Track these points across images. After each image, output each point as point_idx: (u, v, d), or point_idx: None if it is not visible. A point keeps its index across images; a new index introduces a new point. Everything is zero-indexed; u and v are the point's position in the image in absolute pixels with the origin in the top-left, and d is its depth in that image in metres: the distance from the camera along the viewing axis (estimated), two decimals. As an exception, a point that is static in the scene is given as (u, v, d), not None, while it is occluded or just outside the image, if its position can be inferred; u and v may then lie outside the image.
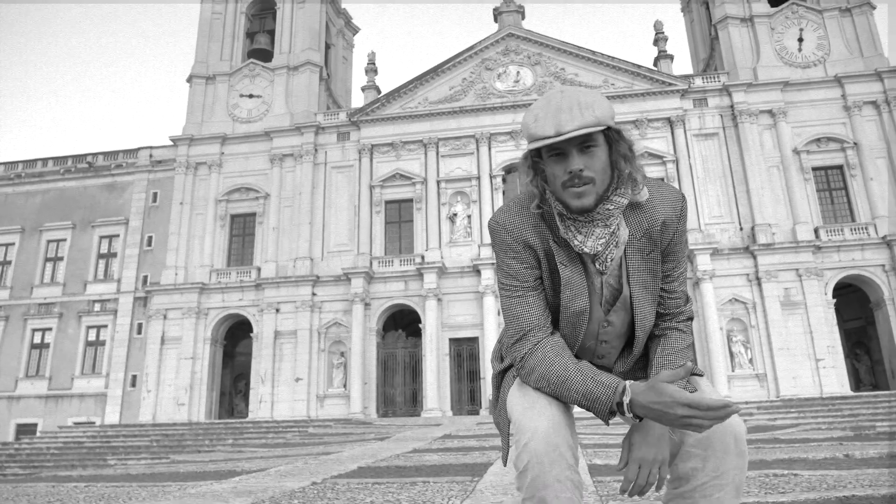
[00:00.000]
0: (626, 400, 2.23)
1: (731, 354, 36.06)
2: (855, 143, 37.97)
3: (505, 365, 2.69)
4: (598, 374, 2.34)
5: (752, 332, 36.01)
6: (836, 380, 34.40)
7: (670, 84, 40.25)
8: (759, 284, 36.32)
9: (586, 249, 2.42)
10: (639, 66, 40.91)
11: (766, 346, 35.57)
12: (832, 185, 38.48)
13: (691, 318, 2.65)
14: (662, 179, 38.67)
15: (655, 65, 42.20)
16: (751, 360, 35.85)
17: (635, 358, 2.64)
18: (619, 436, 13.24)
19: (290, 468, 9.23)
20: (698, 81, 40.47)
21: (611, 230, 2.43)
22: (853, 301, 37.66)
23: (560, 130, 2.29)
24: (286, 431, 28.91)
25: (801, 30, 40.33)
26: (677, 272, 2.62)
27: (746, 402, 31.55)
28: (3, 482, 10.37)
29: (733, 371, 35.63)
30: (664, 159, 39.27)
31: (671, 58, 41.89)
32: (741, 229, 37.82)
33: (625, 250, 2.50)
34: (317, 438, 22.64)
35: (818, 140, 38.44)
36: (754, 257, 36.68)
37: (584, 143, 2.34)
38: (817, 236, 36.77)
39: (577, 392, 2.33)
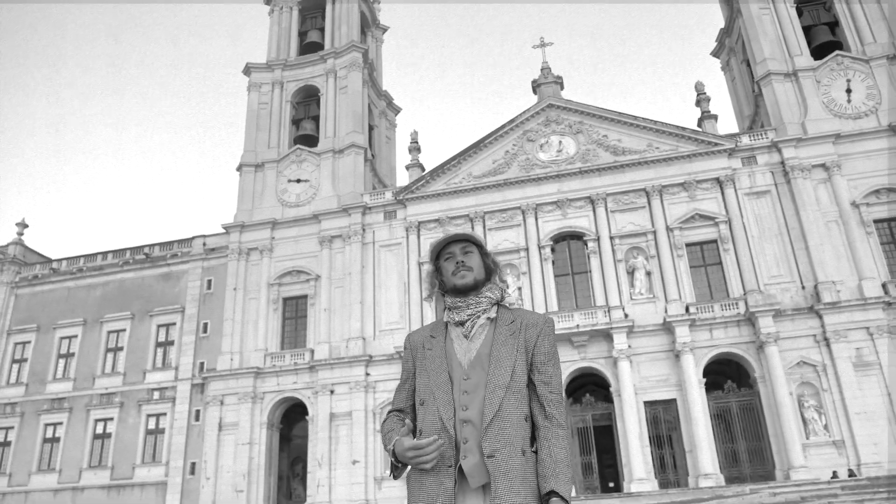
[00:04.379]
0: (393, 445, 3.24)
1: (804, 421, 34.19)
2: (917, 192, 36.53)
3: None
4: (395, 433, 3.33)
5: (825, 397, 34.19)
6: (922, 445, 32.23)
7: (716, 144, 39.62)
8: (828, 345, 34.65)
9: (457, 318, 3.47)
10: (682, 129, 40.47)
11: (841, 411, 33.65)
12: (897, 236, 36.94)
13: (563, 428, 3.30)
14: (715, 242, 37.87)
15: (699, 125, 41.71)
16: (826, 427, 33.91)
17: (493, 412, 3.20)
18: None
19: None
20: (745, 139, 39.74)
21: (476, 311, 3.46)
22: (931, 358, 35.56)
23: (453, 236, 3.57)
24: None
25: (849, 80, 39.43)
26: (552, 379, 3.39)
27: (829, 482, 29.65)
28: None
29: (808, 438, 33.72)
30: (716, 220, 38.35)
31: (715, 118, 41.38)
32: (803, 288, 36.38)
33: (496, 329, 3.42)
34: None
35: (877, 192, 37.08)
36: (820, 317, 35.11)
37: (464, 248, 3.55)
38: (886, 291, 35.10)
39: (387, 439, 3.37)
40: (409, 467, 3.25)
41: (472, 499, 3.12)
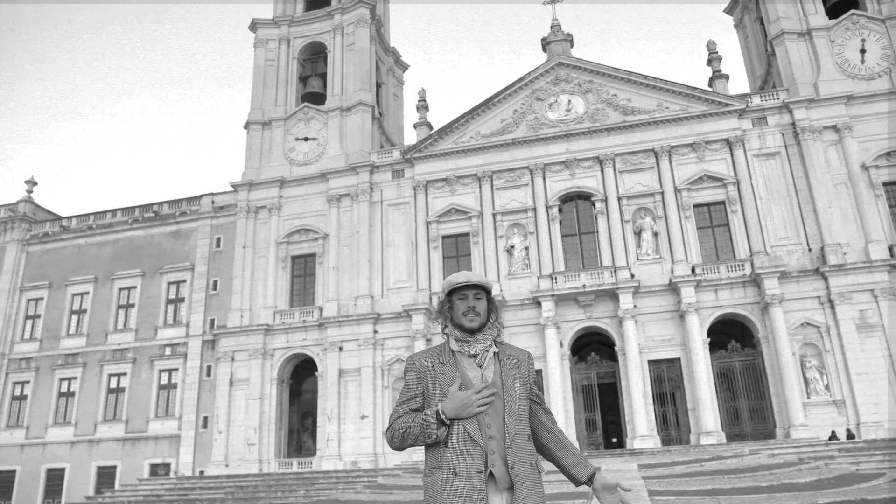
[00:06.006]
0: (440, 408, 3.74)
1: (806, 381, 34.78)
2: (927, 155, 36.37)
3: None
4: (426, 409, 3.86)
5: (827, 357, 34.70)
6: (921, 406, 32.81)
7: (727, 104, 39.34)
8: (833, 307, 35.02)
9: (472, 351, 3.95)
10: (693, 88, 40.12)
11: (842, 372, 34.21)
12: (905, 199, 36.93)
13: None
14: (723, 203, 37.91)
15: (710, 85, 41.31)
16: (827, 387, 34.50)
17: (513, 433, 3.81)
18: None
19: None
20: (756, 100, 39.42)
21: (485, 345, 3.98)
22: (934, 320, 35.90)
23: (469, 280, 4.01)
24: (356, 481, 29.16)
25: (864, 40, 38.90)
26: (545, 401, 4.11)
27: (826, 443, 30.32)
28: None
29: (808, 398, 34.35)
30: (724, 181, 38.34)
31: (726, 77, 40.93)
32: (810, 250, 36.58)
33: (500, 363, 3.98)
34: (387, 492, 22.72)
35: (888, 154, 36.95)
36: (825, 279, 35.40)
37: (477, 294, 4.03)
38: (892, 254, 35.28)
39: (416, 424, 3.79)
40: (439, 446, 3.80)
41: (496, 500, 3.76)
